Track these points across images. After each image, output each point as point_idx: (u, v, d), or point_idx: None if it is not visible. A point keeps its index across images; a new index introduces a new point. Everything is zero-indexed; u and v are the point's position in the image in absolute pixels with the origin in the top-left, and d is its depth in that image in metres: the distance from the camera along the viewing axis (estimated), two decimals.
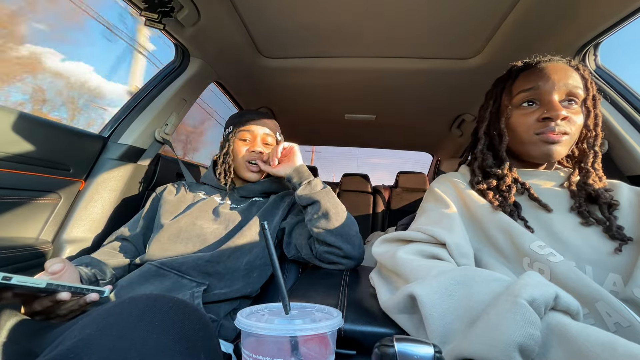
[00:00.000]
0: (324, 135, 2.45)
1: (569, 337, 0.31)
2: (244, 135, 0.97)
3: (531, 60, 0.67)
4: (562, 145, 0.60)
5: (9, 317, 0.47)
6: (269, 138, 0.99)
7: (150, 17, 0.93)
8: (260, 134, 0.98)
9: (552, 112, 0.59)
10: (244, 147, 0.97)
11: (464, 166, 0.76)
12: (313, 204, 0.81)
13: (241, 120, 0.99)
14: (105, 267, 0.75)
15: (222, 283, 0.76)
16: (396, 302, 0.46)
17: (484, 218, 0.59)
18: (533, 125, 0.61)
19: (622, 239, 0.51)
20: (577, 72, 0.63)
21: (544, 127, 0.60)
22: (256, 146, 0.96)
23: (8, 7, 8.89)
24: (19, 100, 8.43)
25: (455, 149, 2.16)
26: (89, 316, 0.37)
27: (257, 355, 0.32)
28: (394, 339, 0.26)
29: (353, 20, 1.02)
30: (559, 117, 0.58)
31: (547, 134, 0.59)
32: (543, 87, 0.61)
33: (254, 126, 0.98)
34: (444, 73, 1.28)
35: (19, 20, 9.59)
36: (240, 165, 0.96)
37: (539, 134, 0.61)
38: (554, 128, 0.59)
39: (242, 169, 0.96)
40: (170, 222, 0.85)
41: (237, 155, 0.97)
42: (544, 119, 0.60)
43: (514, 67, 0.69)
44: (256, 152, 0.95)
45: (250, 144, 0.97)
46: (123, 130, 1.10)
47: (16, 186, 0.84)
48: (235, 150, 0.97)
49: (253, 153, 0.96)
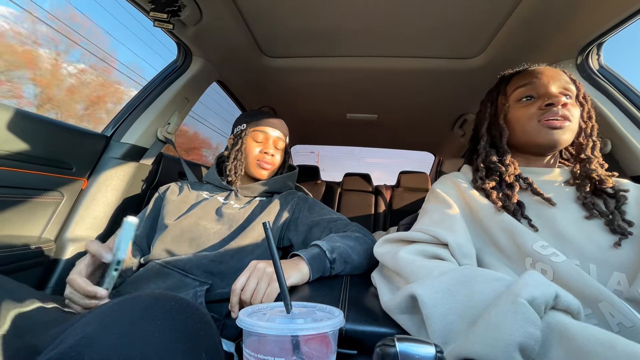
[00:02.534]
0: (325, 134, 2.44)
1: (569, 336, 0.31)
2: (257, 135, 0.99)
3: (520, 68, 0.72)
4: (566, 131, 0.62)
5: (11, 310, 0.47)
6: (280, 142, 1.02)
7: (159, 17, 0.93)
8: (273, 137, 1.01)
9: (554, 98, 0.61)
10: (257, 147, 0.98)
11: (466, 166, 0.77)
12: (333, 265, 0.70)
13: (256, 120, 1.01)
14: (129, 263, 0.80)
15: (225, 282, 0.77)
16: (397, 303, 0.46)
17: (486, 218, 0.59)
18: (535, 114, 0.64)
19: (622, 232, 0.51)
20: (565, 74, 0.67)
21: (547, 113, 0.62)
22: (269, 148, 0.98)
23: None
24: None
25: (458, 149, 2.16)
26: (91, 314, 0.37)
27: (258, 355, 0.33)
28: (395, 339, 0.26)
29: (355, 20, 1.01)
30: (560, 102, 0.61)
31: (550, 119, 0.61)
32: (539, 82, 0.64)
33: (268, 128, 1.00)
34: (447, 73, 1.27)
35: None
36: (252, 163, 0.98)
37: (542, 121, 0.62)
38: (557, 111, 0.61)
39: (253, 167, 0.98)
40: (174, 222, 0.85)
41: (249, 153, 0.98)
42: (547, 105, 0.62)
43: (505, 75, 0.74)
44: (269, 153, 0.98)
45: (262, 145, 0.99)
46: (125, 129, 1.11)
47: (19, 185, 0.84)
48: (247, 148, 0.98)
49: (266, 155, 0.98)
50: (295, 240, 0.89)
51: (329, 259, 0.68)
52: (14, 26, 8.51)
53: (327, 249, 0.69)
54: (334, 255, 0.69)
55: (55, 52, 12.62)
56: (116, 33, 33.58)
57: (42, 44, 12.75)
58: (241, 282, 0.59)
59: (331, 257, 0.69)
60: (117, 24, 12.34)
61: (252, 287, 0.58)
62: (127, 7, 0.92)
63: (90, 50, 8.68)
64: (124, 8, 1.13)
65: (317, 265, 0.67)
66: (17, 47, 10.60)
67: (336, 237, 0.76)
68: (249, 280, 0.59)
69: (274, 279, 0.60)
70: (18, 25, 11.18)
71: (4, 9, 11.00)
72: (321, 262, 0.68)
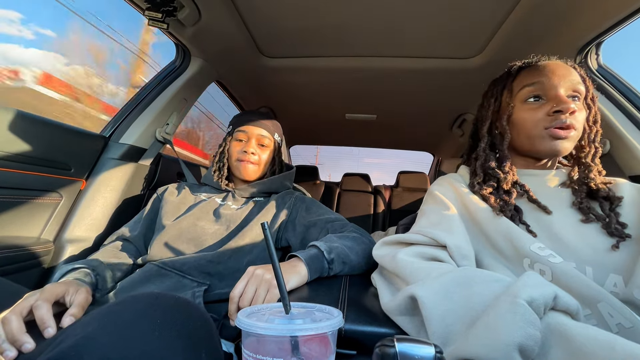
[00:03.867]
0: (324, 135, 2.45)
1: (569, 336, 0.31)
2: (240, 135, 0.98)
3: (530, 60, 0.68)
4: (569, 140, 0.60)
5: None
6: (266, 140, 1.00)
7: (153, 16, 0.93)
8: (255, 135, 0.98)
9: (562, 105, 0.59)
10: (238, 147, 0.98)
11: (463, 167, 0.76)
12: (331, 265, 0.70)
13: (239, 121, 1.01)
14: (107, 275, 0.74)
15: (223, 283, 0.77)
16: (397, 304, 0.46)
17: (484, 221, 0.58)
18: (542, 120, 0.61)
19: (620, 235, 0.51)
20: (575, 70, 0.63)
21: (554, 121, 0.60)
22: (249, 147, 0.96)
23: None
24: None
25: (456, 149, 2.16)
26: (90, 314, 0.37)
27: (257, 355, 0.32)
28: (395, 339, 0.26)
29: (354, 20, 1.01)
30: (569, 110, 0.58)
31: (556, 128, 0.59)
32: (548, 82, 0.61)
33: (250, 127, 0.98)
34: (445, 73, 1.27)
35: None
36: (234, 164, 0.98)
37: (548, 129, 0.60)
38: (565, 121, 0.59)
39: (235, 167, 0.98)
40: (172, 223, 0.85)
41: (232, 154, 0.98)
42: (555, 112, 0.60)
43: (514, 66, 0.69)
44: (248, 152, 0.96)
45: (244, 144, 0.98)
46: (124, 130, 1.11)
47: (17, 186, 0.84)
48: (230, 150, 0.99)
49: (244, 153, 0.96)
50: (294, 241, 0.89)
51: (327, 259, 0.68)
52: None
53: (325, 250, 0.69)
54: (332, 256, 0.69)
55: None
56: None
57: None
58: (239, 288, 0.57)
59: (329, 257, 0.68)
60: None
61: (250, 294, 0.57)
62: (124, 6, 0.92)
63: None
64: (120, 6, 1.13)
65: (315, 266, 0.66)
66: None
67: (334, 237, 0.76)
68: (247, 287, 0.57)
69: (273, 285, 0.58)
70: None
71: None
72: (319, 263, 0.67)
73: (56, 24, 12.06)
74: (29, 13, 32.30)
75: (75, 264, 0.71)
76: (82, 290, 0.56)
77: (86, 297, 0.56)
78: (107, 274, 0.74)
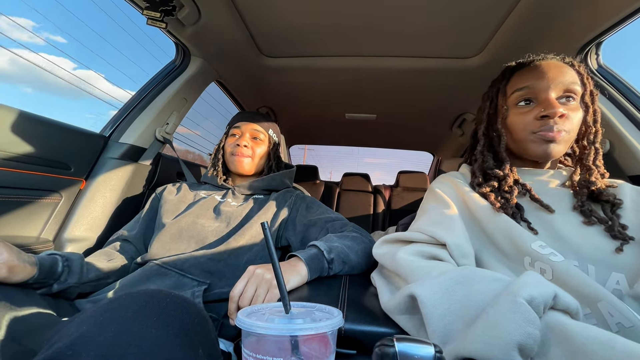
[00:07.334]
0: (324, 134, 2.44)
1: (568, 336, 0.31)
2: (234, 131, 1.03)
3: (524, 60, 0.67)
4: (561, 143, 0.60)
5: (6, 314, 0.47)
6: (260, 135, 1.02)
7: (152, 16, 0.93)
8: (249, 129, 1.02)
9: (550, 109, 0.58)
10: (232, 142, 1.01)
11: (465, 165, 0.76)
12: (331, 265, 0.70)
13: (235, 120, 1.06)
14: (78, 270, 0.69)
15: (222, 282, 0.77)
16: (397, 303, 0.46)
17: (484, 219, 0.58)
18: (530, 124, 0.61)
19: (623, 238, 0.51)
20: (572, 68, 0.62)
21: (542, 126, 0.59)
22: (242, 140, 0.99)
23: None
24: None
25: (456, 149, 2.16)
26: (86, 313, 0.37)
27: (257, 355, 0.32)
28: (395, 339, 0.26)
29: (354, 19, 1.01)
30: (557, 114, 0.58)
31: (544, 132, 0.59)
32: (538, 85, 0.61)
33: (243, 122, 1.03)
34: (445, 72, 1.27)
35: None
36: (228, 158, 1.01)
37: (537, 132, 0.60)
38: (552, 127, 0.58)
39: (230, 161, 1.01)
40: (172, 221, 0.85)
41: (227, 150, 1.02)
42: (542, 117, 0.59)
43: (508, 68, 0.69)
44: (241, 145, 0.98)
45: (238, 138, 1.01)
46: (124, 130, 1.11)
47: (17, 185, 0.84)
48: (225, 146, 1.03)
49: (237, 146, 0.99)
50: (294, 240, 0.89)
51: (326, 259, 0.68)
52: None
53: (325, 249, 0.69)
54: (331, 256, 0.69)
55: None
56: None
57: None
58: (239, 288, 0.57)
59: (329, 257, 0.68)
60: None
61: (250, 293, 0.57)
62: (123, 5, 0.92)
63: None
64: (119, 7, 1.13)
65: (315, 266, 0.66)
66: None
67: (334, 237, 0.76)
68: (247, 287, 0.57)
69: (273, 285, 0.58)
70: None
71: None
72: (319, 263, 0.67)
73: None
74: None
75: (55, 252, 0.68)
76: (14, 260, 0.55)
77: (9, 264, 0.55)
78: (80, 270, 0.69)
